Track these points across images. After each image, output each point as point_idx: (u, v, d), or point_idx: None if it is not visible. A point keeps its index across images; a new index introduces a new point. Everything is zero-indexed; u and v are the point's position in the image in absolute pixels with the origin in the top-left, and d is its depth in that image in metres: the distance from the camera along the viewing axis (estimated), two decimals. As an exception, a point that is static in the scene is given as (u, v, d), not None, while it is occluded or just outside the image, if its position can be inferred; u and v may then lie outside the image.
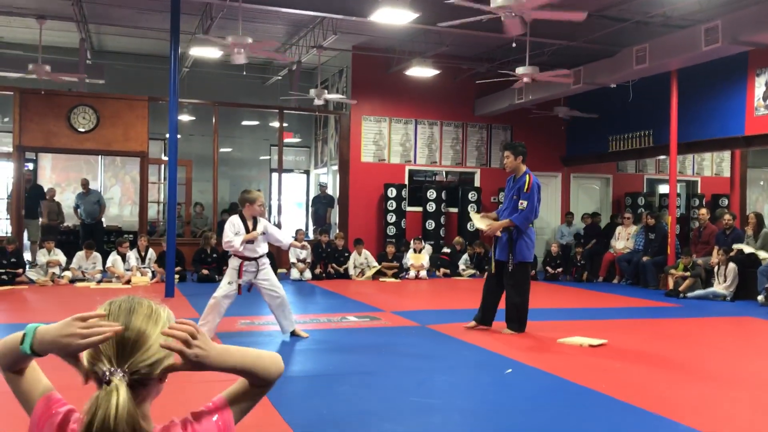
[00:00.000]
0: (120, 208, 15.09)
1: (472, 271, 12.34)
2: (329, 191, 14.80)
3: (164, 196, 12.76)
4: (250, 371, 1.35)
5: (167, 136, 9.68)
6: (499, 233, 6.54)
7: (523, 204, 6.41)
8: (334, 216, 14.20)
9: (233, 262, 6.03)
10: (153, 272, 10.74)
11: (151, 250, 11.01)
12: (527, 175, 6.53)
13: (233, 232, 5.94)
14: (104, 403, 1.18)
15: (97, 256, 10.78)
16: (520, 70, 9.79)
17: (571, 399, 4.26)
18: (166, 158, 11.17)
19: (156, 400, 1.31)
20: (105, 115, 12.16)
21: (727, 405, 4.20)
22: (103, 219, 13.08)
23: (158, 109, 12.63)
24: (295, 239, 7.58)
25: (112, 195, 14.95)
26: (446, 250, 12.98)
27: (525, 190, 6.45)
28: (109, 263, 10.52)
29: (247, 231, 5.98)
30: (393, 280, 11.63)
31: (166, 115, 9.64)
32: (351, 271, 11.78)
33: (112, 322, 1.24)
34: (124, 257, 10.60)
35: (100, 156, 14.14)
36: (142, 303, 1.31)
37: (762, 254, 9.65)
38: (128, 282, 10.23)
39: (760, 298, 8.91)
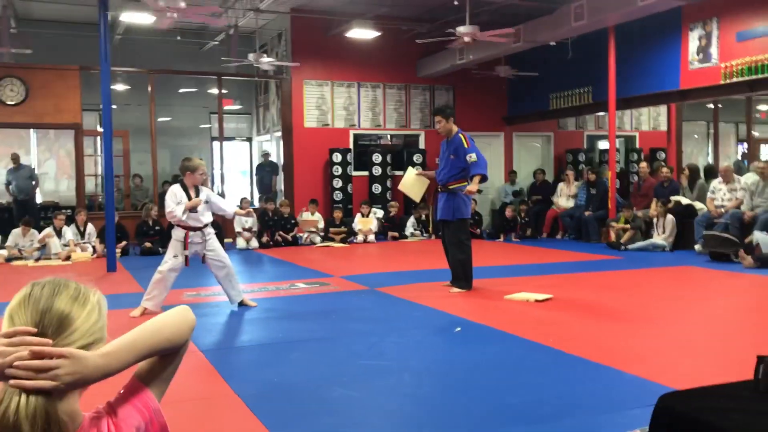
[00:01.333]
0: (56, 183, 14.59)
1: (420, 236, 12.42)
2: (273, 158, 14.59)
3: (101, 168, 12.39)
4: (150, 354, 1.25)
5: (102, 106, 9.35)
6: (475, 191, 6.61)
7: (472, 156, 6.49)
8: (280, 183, 14.04)
9: (177, 233, 5.90)
10: (93, 248, 10.46)
11: (90, 225, 10.70)
12: (460, 134, 6.65)
13: (174, 201, 5.80)
14: (7, 397, 1.08)
15: (34, 233, 10.41)
16: (460, 30, 9.74)
17: (520, 354, 4.33)
18: (101, 129, 10.81)
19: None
20: (34, 86, 11.65)
21: (669, 352, 4.33)
22: (37, 194, 12.64)
23: (91, 79, 12.17)
24: (240, 208, 7.45)
25: (47, 169, 14.44)
26: (379, 215, 12.76)
27: (466, 146, 6.55)
28: (41, 235, 10.18)
29: (190, 200, 5.85)
30: (341, 245, 11.62)
31: (99, 84, 9.29)
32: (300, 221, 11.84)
33: (38, 338, 1.12)
34: (60, 232, 10.29)
35: (31, 129, 13.59)
36: (69, 285, 1.21)
37: (698, 205, 9.96)
38: (68, 258, 9.94)
39: (697, 247, 9.21)
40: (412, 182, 7.18)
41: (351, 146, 13.52)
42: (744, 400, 1.55)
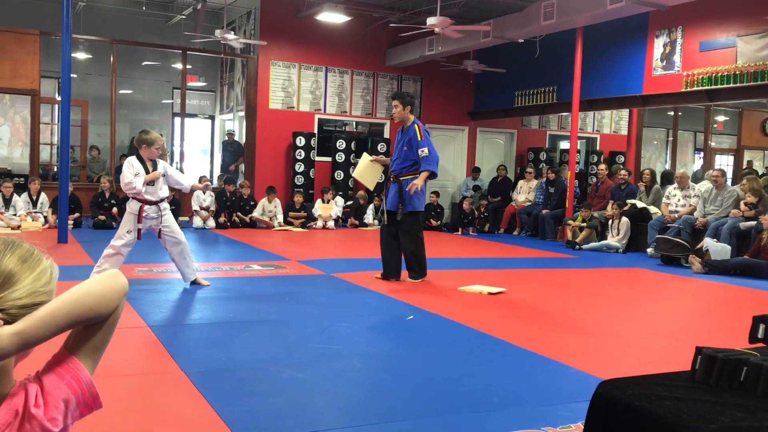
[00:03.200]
0: (9, 150, 14.19)
1: (378, 225, 12.42)
2: (236, 138, 14.41)
3: (58, 138, 12.08)
4: (71, 326, 1.18)
5: (61, 74, 9.11)
6: (419, 186, 6.50)
7: (424, 151, 6.41)
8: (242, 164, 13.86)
9: (132, 206, 5.78)
10: (45, 218, 10.22)
11: (43, 195, 10.46)
12: (416, 125, 6.54)
13: (132, 173, 5.68)
14: None
15: (-17, 199, 10.14)
16: (431, 21, 9.74)
17: (470, 344, 4.37)
18: (59, 98, 10.53)
19: None
20: (-10, 48, 11.31)
21: (614, 349, 4.42)
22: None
23: (52, 45, 11.87)
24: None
25: (1, 136, 14.04)
26: (338, 210, 12.60)
27: (419, 139, 6.45)
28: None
29: (147, 173, 5.74)
30: (300, 229, 11.56)
31: (60, 51, 9.05)
32: (257, 215, 11.66)
33: None
34: (9, 201, 10.03)
35: (-15, 93, 13.19)
36: (22, 246, 1.19)
37: (653, 209, 10.16)
38: (18, 227, 9.70)
39: (649, 250, 9.40)
40: (366, 169, 7.01)
41: (315, 131, 13.43)
42: (679, 388, 1.59)
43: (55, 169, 12.70)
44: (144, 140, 5.77)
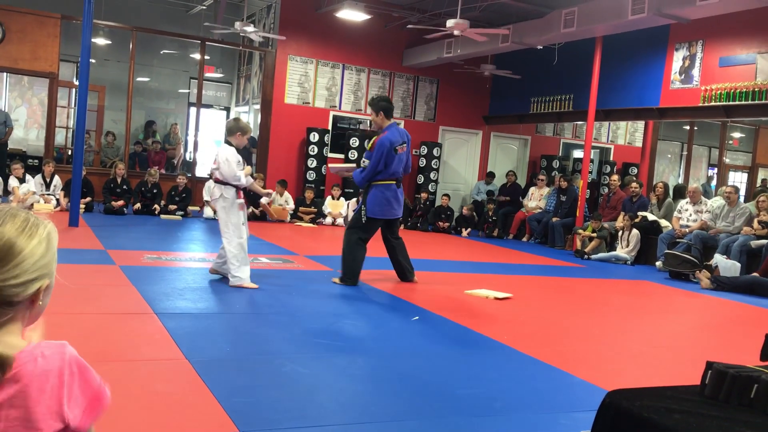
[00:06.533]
0: (26, 131, 14.29)
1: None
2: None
3: (74, 121, 12.17)
4: None
5: (80, 58, 9.16)
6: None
7: (365, 162, 6.22)
8: (253, 157, 13.88)
9: (230, 192, 5.56)
10: (57, 200, 10.28)
11: (57, 177, 10.52)
12: (381, 134, 6.19)
13: (235, 162, 5.57)
14: None
15: (-2, 178, 10.23)
16: (450, 23, 9.73)
17: (473, 347, 4.36)
18: (77, 82, 10.59)
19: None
20: (11, 29, 11.37)
21: (619, 359, 4.40)
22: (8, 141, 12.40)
23: (72, 30, 11.92)
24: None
25: (18, 117, 14.14)
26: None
27: (368, 149, 6.19)
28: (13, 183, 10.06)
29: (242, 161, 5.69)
30: (310, 225, 11.58)
31: (80, 36, 9.10)
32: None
33: None
34: (23, 181, 10.11)
35: (5, 73, 13.28)
36: (18, 214, 1.15)
37: (664, 222, 10.11)
38: (30, 208, 9.76)
39: (658, 263, 9.35)
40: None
41: (329, 127, 13.44)
42: (688, 402, 1.57)
43: (70, 153, 12.77)
44: (239, 128, 5.69)
